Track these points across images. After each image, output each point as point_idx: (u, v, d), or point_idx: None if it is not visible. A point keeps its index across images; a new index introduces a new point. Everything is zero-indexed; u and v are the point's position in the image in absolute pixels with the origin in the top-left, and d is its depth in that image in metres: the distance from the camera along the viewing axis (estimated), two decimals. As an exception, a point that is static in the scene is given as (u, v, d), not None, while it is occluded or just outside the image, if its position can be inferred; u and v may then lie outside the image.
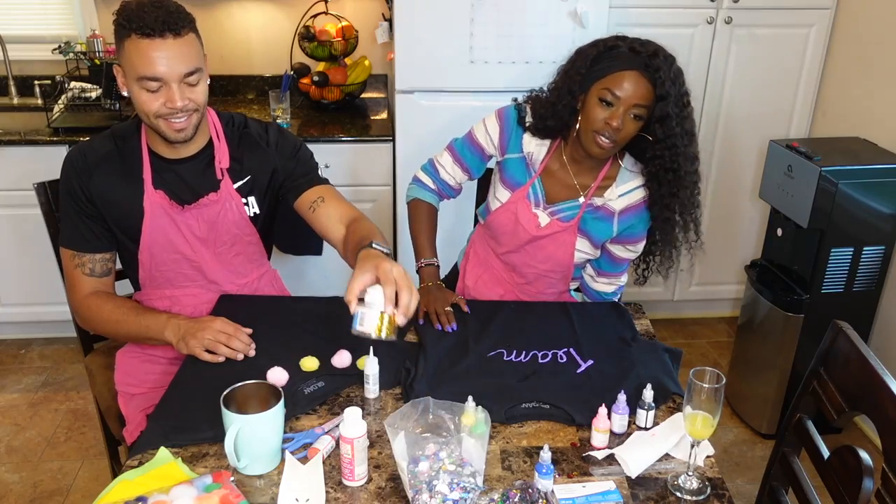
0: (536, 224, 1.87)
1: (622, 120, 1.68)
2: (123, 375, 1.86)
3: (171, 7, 1.58)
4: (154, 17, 1.54)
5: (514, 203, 1.88)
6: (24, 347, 3.17)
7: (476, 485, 1.21)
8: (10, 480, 2.48)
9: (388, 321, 1.36)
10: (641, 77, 1.66)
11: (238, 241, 1.84)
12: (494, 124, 1.90)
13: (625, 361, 1.66)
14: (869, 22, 2.78)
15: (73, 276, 1.75)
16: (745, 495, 2.46)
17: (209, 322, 1.64)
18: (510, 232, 1.91)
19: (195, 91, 1.62)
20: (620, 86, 1.67)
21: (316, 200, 1.80)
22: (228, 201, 1.78)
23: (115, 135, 1.76)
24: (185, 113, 1.62)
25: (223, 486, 1.25)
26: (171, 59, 1.56)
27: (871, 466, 1.27)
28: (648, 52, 1.66)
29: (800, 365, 2.60)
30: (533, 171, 1.87)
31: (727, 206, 3.20)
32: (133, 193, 1.73)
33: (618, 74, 1.67)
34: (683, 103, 1.71)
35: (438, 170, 2.00)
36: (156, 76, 1.56)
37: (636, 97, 1.67)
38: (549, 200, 1.88)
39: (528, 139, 1.86)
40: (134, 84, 1.59)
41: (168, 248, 1.77)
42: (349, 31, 3.13)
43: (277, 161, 1.82)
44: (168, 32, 1.55)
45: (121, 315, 1.71)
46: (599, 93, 1.69)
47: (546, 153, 1.86)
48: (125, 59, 1.58)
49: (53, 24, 3.21)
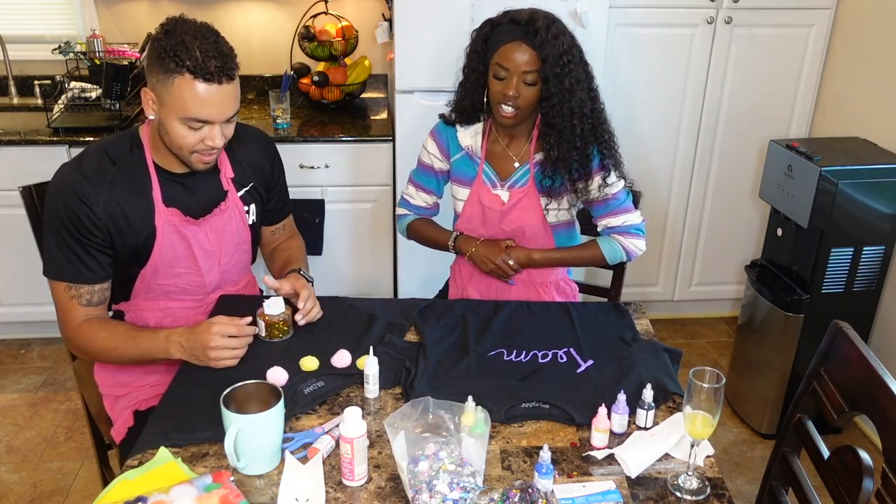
0: (500, 202, 1.97)
1: (517, 88, 1.79)
2: (105, 377, 1.83)
3: (225, 49, 1.55)
4: (213, 62, 1.50)
5: (476, 192, 1.98)
6: (24, 347, 3.18)
7: (476, 485, 1.21)
8: (10, 480, 2.48)
9: (274, 330, 1.71)
10: (522, 44, 1.77)
11: (238, 250, 1.84)
12: (430, 142, 2.03)
13: (625, 361, 1.66)
14: (869, 22, 2.78)
15: (68, 308, 1.65)
16: (745, 495, 2.46)
17: (207, 335, 1.56)
18: (481, 219, 2.00)
19: (230, 128, 1.62)
20: (507, 58, 1.79)
21: (279, 227, 1.99)
22: (234, 210, 1.78)
23: (109, 153, 1.65)
24: (217, 149, 1.61)
25: (223, 486, 1.25)
26: (222, 104, 1.55)
27: (871, 466, 1.27)
28: (524, 19, 1.78)
29: (800, 365, 2.59)
30: (478, 160, 1.98)
31: (727, 206, 3.20)
32: (143, 213, 1.66)
33: (504, 48, 1.79)
34: (563, 62, 1.78)
35: (409, 200, 2.13)
36: (204, 119, 1.55)
37: (522, 65, 1.78)
38: (503, 177, 1.98)
39: (462, 134, 1.99)
40: (175, 120, 1.55)
41: (174, 264, 1.73)
42: (349, 31, 3.13)
43: (275, 174, 1.90)
44: (223, 77, 1.52)
45: (116, 342, 1.63)
46: (493, 69, 1.82)
47: (483, 139, 1.97)
48: (170, 93, 1.52)
49: (53, 24, 3.21)
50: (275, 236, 1.99)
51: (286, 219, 2.00)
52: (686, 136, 3.07)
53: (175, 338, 1.59)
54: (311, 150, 2.85)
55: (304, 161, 2.87)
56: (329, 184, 2.93)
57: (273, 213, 1.95)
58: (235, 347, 1.58)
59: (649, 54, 2.90)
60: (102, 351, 1.66)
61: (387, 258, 3.09)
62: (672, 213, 3.19)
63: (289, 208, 2.00)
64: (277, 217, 1.97)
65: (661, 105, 2.98)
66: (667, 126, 3.03)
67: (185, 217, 1.70)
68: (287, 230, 2.02)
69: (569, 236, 2.06)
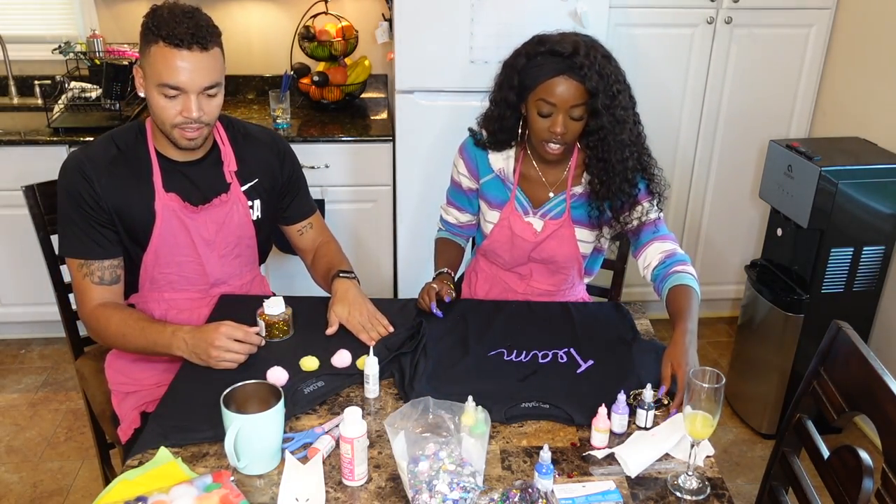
0: (533, 231, 1.89)
1: (564, 124, 1.71)
2: (116, 374, 1.85)
3: (202, 21, 1.59)
4: (185, 27, 1.55)
5: (506, 218, 1.90)
6: (24, 347, 3.18)
7: (476, 485, 1.21)
8: (10, 480, 2.48)
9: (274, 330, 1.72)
10: (569, 79, 1.67)
11: (240, 244, 1.85)
12: (459, 160, 1.96)
13: (625, 361, 1.66)
14: (869, 22, 2.78)
15: (82, 287, 1.71)
16: (745, 495, 2.46)
17: (214, 333, 1.58)
18: (509, 246, 1.93)
19: (211, 104, 1.64)
20: (552, 93, 1.69)
21: (306, 226, 1.98)
22: (236, 203, 1.80)
23: (115, 139, 1.73)
24: (198, 124, 1.63)
25: (223, 485, 1.25)
26: (195, 71, 1.57)
27: (871, 466, 1.27)
28: (568, 51, 1.67)
29: (800, 365, 2.59)
30: (510, 185, 1.90)
31: (727, 206, 3.20)
32: (143, 197, 1.71)
33: (548, 83, 1.69)
34: (613, 93, 1.69)
35: (443, 216, 2.09)
36: (177, 85, 1.58)
37: (570, 100, 1.68)
38: (536, 205, 1.90)
39: (494, 157, 1.90)
40: (153, 89, 1.60)
41: (175, 251, 1.76)
42: (349, 31, 3.13)
43: (284, 174, 1.89)
44: (196, 45, 1.56)
45: (126, 329, 1.67)
46: (536, 105, 1.72)
47: (516, 163, 1.89)
48: (149, 63, 1.59)
49: (53, 24, 3.21)
50: (303, 237, 1.98)
51: (310, 217, 1.98)
52: (686, 136, 3.07)
53: (181, 334, 1.61)
54: (311, 150, 2.85)
55: (304, 161, 2.84)
56: (329, 184, 2.93)
57: (292, 211, 1.95)
58: (238, 352, 1.59)
59: (649, 54, 2.90)
60: (113, 336, 1.70)
61: (387, 258, 3.09)
62: (672, 213, 3.19)
63: (312, 207, 1.99)
64: (297, 215, 1.96)
65: (661, 105, 2.98)
66: (667, 126, 3.03)
67: (183, 203, 1.74)
68: (317, 230, 2.00)
69: (594, 259, 2.02)
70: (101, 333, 1.72)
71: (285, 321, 1.72)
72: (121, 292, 1.76)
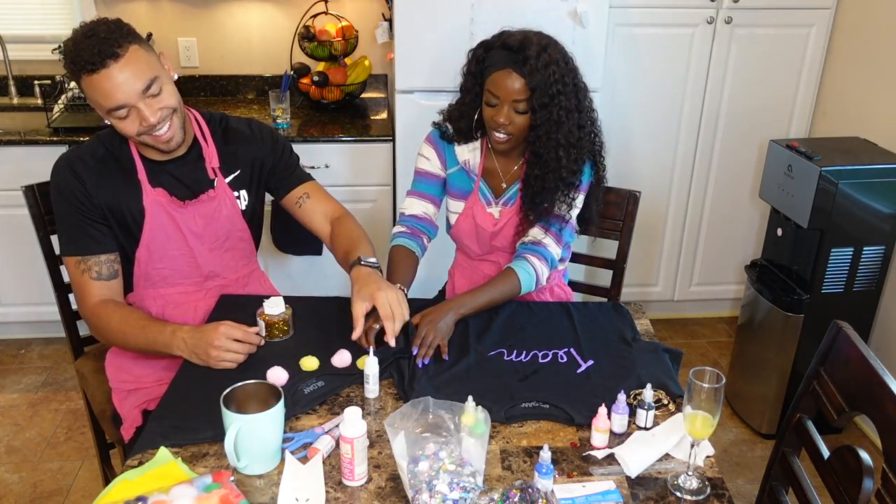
0: (493, 221, 1.96)
1: (508, 116, 1.77)
2: (116, 372, 1.86)
3: (102, 32, 1.55)
4: (90, 50, 1.53)
5: (470, 208, 1.97)
6: (23, 347, 3.18)
7: (476, 484, 1.21)
8: (10, 480, 2.48)
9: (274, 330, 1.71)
10: (512, 73, 1.73)
11: (230, 237, 1.86)
12: (429, 149, 1.99)
13: (625, 361, 1.66)
14: (869, 22, 2.78)
15: (82, 284, 1.72)
16: (745, 495, 2.46)
17: (213, 333, 1.58)
18: (473, 235, 1.99)
19: (161, 99, 1.62)
20: (497, 85, 1.75)
21: (302, 196, 1.91)
22: (223, 198, 1.81)
23: (102, 140, 1.75)
24: (163, 123, 1.63)
25: (223, 485, 1.25)
26: (124, 82, 1.55)
27: (871, 466, 1.27)
28: (516, 45, 1.73)
29: (800, 365, 2.59)
30: (474, 176, 1.96)
31: (727, 206, 3.20)
32: (132, 194, 1.73)
33: (495, 75, 1.76)
34: (552, 93, 1.73)
35: (406, 212, 2.04)
36: (118, 105, 1.57)
37: (513, 93, 1.74)
38: (497, 195, 1.97)
39: (460, 149, 1.96)
40: (105, 116, 1.61)
41: (166, 245, 1.78)
42: (349, 31, 3.13)
43: (263, 151, 1.87)
44: (108, 59, 1.54)
45: (127, 327, 1.67)
46: (486, 95, 1.79)
47: (480, 155, 1.95)
48: (88, 97, 1.60)
49: (53, 24, 3.21)
50: (303, 208, 1.90)
51: (304, 185, 1.91)
52: (686, 135, 3.07)
53: (180, 334, 1.62)
54: (311, 149, 2.85)
55: (304, 161, 2.83)
56: (329, 184, 2.88)
57: (281, 183, 1.90)
58: (238, 352, 1.59)
59: (649, 54, 2.90)
60: (114, 334, 1.71)
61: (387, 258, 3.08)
62: (672, 213, 3.19)
63: (301, 174, 1.93)
64: (287, 184, 1.90)
65: (661, 105, 2.98)
66: (667, 126, 3.03)
67: (171, 197, 1.75)
68: (317, 200, 1.90)
69: None
70: (103, 331, 1.73)
71: (285, 321, 1.72)
72: (120, 289, 1.77)
